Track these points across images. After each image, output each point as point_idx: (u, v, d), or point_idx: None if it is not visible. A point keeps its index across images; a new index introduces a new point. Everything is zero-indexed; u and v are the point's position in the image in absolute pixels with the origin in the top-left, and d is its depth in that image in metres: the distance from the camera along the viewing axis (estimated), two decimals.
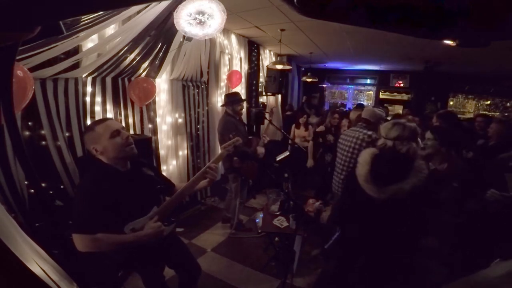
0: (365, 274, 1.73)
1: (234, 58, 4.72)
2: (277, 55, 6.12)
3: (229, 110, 3.16)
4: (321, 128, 4.24)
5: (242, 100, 3.28)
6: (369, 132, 2.48)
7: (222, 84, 4.54)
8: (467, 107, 8.58)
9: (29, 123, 2.14)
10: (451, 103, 8.64)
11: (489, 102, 8.28)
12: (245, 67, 5.13)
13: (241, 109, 3.25)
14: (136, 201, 1.45)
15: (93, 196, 1.34)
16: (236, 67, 4.77)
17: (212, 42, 3.97)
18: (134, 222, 1.41)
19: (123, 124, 2.85)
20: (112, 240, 1.34)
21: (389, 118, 5.15)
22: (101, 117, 2.64)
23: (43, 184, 2.15)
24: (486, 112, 7.50)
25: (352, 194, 1.75)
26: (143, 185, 1.54)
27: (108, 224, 1.34)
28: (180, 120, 3.70)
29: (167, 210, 1.55)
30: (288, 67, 4.89)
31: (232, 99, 3.20)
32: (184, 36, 2.83)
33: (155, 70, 3.04)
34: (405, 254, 1.67)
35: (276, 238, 2.96)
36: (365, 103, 9.06)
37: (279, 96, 6.75)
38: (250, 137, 3.47)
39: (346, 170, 2.58)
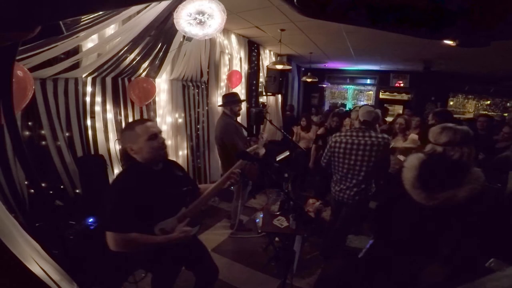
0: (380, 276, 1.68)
1: (234, 58, 4.72)
2: (277, 55, 6.12)
3: (227, 111, 3.12)
4: (321, 130, 4.24)
5: (241, 101, 3.24)
6: (386, 136, 2.41)
7: (222, 84, 4.53)
8: (467, 107, 8.59)
9: (29, 123, 2.14)
10: (451, 103, 8.65)
11: (489, 102, 8.29)
12: (245, 67, 5.13)
13: (240, 110, 3.21)
14: (167, 201, 1.44)
15: (128, 194, 1.33)
16: (236, 67, 4.77)
17: (212, 42, 3.97)
18: (163, 222, 1.41)
19: (123, 124, 2.85)
20: (144, 240, 1.33)
21: (389, 118, 5.15)
22: (101, 117, 2.67)
23: (43, 184, 2.15)
24: (486, 112, 7.51)
25: (398, 200, 1.67)
26: (174, 185, 1.53)
27: (140, 224, 1.32)
28: (180, 120, 3.70)
29: (196, 212, 1.54)
30: (288, 67, 4.88)
31: (231, 99, 3.16)
32: (184, 36, 2.83)
33: (155, 70, 3.04)
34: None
35: (276, 238, 2.96)
36: (366, 103, 9.06)
37: (279, 96, 6.76)
38: (249, 138, 3.46)
39: (357, 176, 2.48)
